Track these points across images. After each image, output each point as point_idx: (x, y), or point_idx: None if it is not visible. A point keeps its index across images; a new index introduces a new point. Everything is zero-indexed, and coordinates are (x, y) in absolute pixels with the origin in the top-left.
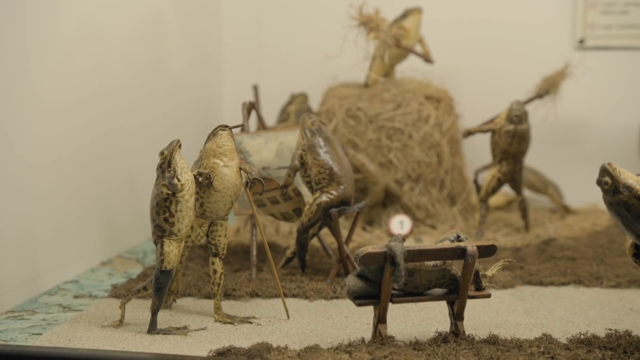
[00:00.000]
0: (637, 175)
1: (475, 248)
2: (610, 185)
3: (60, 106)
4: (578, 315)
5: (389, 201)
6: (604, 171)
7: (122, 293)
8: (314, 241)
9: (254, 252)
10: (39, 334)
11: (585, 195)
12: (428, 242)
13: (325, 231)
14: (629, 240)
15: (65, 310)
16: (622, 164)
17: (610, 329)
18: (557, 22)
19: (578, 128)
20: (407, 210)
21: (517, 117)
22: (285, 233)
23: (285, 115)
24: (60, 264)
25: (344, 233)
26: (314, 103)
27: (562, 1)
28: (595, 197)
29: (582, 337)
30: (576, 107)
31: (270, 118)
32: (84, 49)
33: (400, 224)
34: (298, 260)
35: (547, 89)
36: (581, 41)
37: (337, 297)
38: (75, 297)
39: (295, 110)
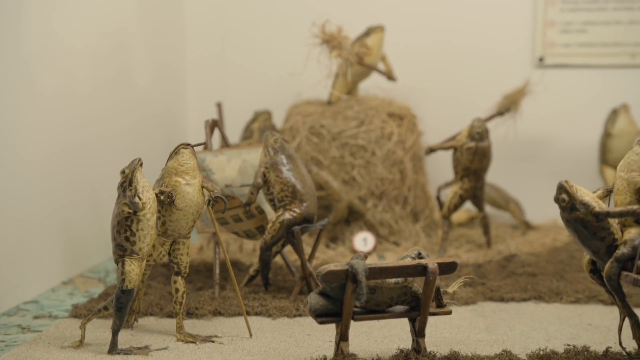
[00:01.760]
0: (594, 192)
1: (436, 265)
2: (568, 202)
3: (21, 121)
4: (538, 331)
5: (353, 218)
6: (561, 188)
7: (82, 313)
8: (277, 259)
9: (217, 270)
10: None
11: (546, 211)
12: (391, 258)
13: (288, 249)
14: (586, 256)
15: (24, 331)
16: (582, 180)
17: (568, 345)
18: (517, 40)
19: (538, 145)
20: (371, 227)
21: (478, 134)
22: (249, 251)
23: (249, 133)
24: (19, 283)
25: (307, 250)
26: (278, 120)
27: (522, 20)
28: (555, 213)
29: (541, 352)
30: (536, 124)
31: (234, 135)
32: (46, 64)
33: (363, 241)
34: (261, 278)
35: (508, 106)
36: (541, 59)
37: (300, 315)
38: (35, 317)
39: (259, 127)
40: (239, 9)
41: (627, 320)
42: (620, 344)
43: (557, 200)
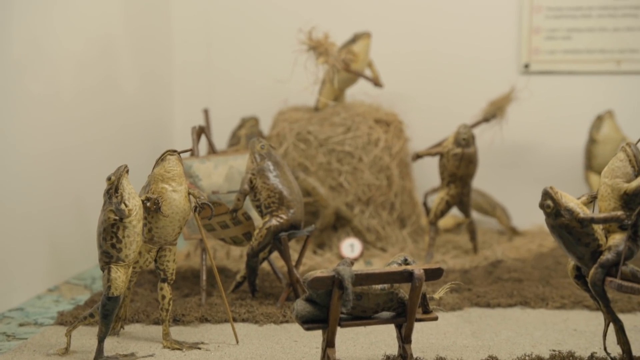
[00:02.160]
0: (579, 198)
1: (422, 271)
2: (552, 208)
3: (5, 126)
4: (524, 337)
5: (340, 224)
6: (546, 195)
7: (68, 320)
8: (265, 265)
9: (204, 277)
10: None
11: (532, 217)
12: (378, 264)
13: (275, 255)
14: (571, 262)
15: (9, 339)
16: (567, 186)
17: (554, 350)
18: (502, 47)
19: (524, 151)
20: (358, 233)
21: (465, 140)
22: (236, 257)
23: (236, 139)
24: (4, 291)
25: (295, 256)
26: (265, 127)
27: (508, 27)
28: (541, 219)
29: (527, 358)
30: (522, 130)
31: (221, 142)
32: (32, 69)
33: (350, 247)
34: (248, 285)
35: (494, 112)
36: (526, 66)
37: (287, 321)
38: (20, 325)
39: (246, 134)
40: (225, 15)
41: (612, 326)
42: (605, 349)
43: (542, 206)
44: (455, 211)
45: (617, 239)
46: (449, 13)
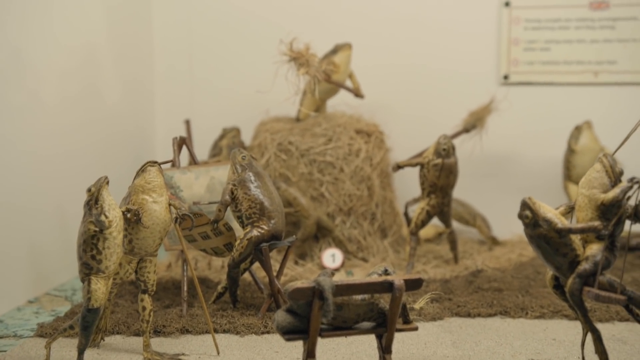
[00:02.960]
0: (557, 209)
1: (402, 282)
2: (531, 218)
3: None
4: (503, 346)
5: (321, 234)
6: (524, 205)
7: (48, 332)
8: (246, 275)
9: (185, 288)
10: None
11: (512, 226)
12: (360, 274)
13: (256, 265)
14: (550, 272)
15: None
16: (547, 196)
17: None
18: (482, 59)
19: (504, 161)
20: (339, 244)
21: (445, 150)
22: (218, 268)
23: (218, 150)
24: None
25: (276, 267)
26: (246, 137)
27: (487, 39)
28: (521, 228)
29: None
30: (502, 140)
31: (203, 152)
32: (13, 78)
33: (332, 257)
34: (229, 295)
35: (474, 123)
36: (505, 77)
37: (268, 332)
38: (0, 337)
39: (228, 144)
40: (207, 25)
41: (590, 335)
42: (583, 358)
43: (520, 216)
44: (435, 221)
45: (595, 249)
46: (429, 25)
